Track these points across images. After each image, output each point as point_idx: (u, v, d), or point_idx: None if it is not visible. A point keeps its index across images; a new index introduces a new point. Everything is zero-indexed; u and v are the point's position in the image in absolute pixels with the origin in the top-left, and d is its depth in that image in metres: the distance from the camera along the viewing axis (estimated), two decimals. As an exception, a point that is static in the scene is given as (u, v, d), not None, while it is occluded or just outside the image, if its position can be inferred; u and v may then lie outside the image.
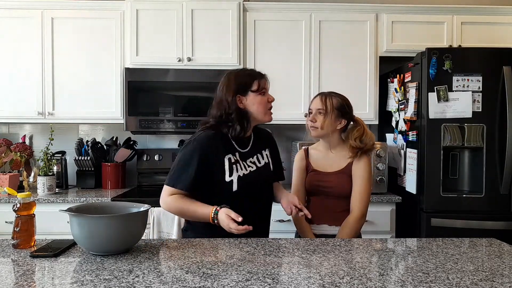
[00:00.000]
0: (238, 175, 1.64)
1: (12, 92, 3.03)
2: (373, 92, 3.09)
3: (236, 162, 1.66)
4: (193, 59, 3.02)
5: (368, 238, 1.74)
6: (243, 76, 1.69)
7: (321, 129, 1.94)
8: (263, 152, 1.78)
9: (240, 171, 1.66)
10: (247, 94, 1.67)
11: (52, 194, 2.85)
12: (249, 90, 1.66)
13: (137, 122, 2.99)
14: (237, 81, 1.67)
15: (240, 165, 1.67)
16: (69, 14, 3.03)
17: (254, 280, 1.16)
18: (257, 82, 1.67)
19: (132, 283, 1.14)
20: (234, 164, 1.65)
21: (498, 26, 3.09)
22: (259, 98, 1.68)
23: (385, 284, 1.14)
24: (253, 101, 1.67)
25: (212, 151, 1.64)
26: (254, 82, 1.67)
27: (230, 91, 1.65)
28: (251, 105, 1.67)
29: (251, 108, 1.67)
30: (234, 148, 1.69)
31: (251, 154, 1.74)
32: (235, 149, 1.69)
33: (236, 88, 1.65)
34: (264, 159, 1.77)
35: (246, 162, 1.70)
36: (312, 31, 3.07)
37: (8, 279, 1.17)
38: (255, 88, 1.67)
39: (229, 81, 1.68)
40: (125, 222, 1.40)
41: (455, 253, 1.44)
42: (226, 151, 1.66)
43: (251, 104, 1.67)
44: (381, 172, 2.85)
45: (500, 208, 2.59)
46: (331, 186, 1.95)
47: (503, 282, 1.16)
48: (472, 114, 2.57)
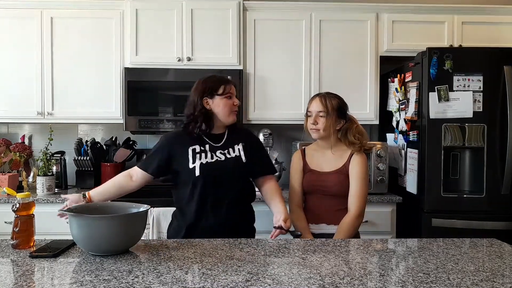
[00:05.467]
0: (200, 162, 1.82)
1: (11, 92, 3.03)
2: (374, 92, 3.09)
3: (201, 152, 1.85)
4: (193, 59, 3.02)
5: (369, 238, 1.74)
6: (211, 81, 1.88)
7: (323, 131, 1.95)
8: (235, 147, 1.91)
9: (203, 159, 1.83)
10: (214, 97, 1.86)
11: (51, 194, 2.84)
12: (216, 94, 1.85)
13: (137, 122, 2.99)
14: (205, 85, 1.87)
15: (205, 154, 1.85)
16: (69, 13, 3.03)
17: (254, 281, 1.15)
18: (223, 87, 1.86)
19: (131, 283, 1.13)
20: (198, 154, 1.84)
21: (499, 25, 3.08)
22: (224, 101, 1.86)
23: (385, 284, 1.14)
24: (219, 103, 1.86)
25: (177, 144, 1.88)
26: (220, 87, 1.86)
27: (198, 94, 1.86)
28: (216, 107, 1.86)
29: (216, 110, 1.86)
30: (204, 141, 1.88)
31: (223, 147, 1.89)
32: (205, 141, 1.88)
33: (203, 91, 1.86)
34: (235, 152, 1.90)
35: (215, 153, 1.87)
36: (312, 31, 3.07)
37: (8, 279, 1.17)
38: (221, 92, 1.86)
39: (198, 84, 1.89)
40: (125, 222, 1.40)
41: (456, 253, 1.43)
42: (191, 143, 1.86)
43: (216, 106, 1.86)
44: (382, 172, 2.84)
45: (501, 208, 2.59)
46: (328, 186, 1.96)
47: (504, 283, 1.16)
48: (473, 114, 2.56)
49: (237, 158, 1.89)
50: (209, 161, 1.84)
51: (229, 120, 1.89)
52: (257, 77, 3.06)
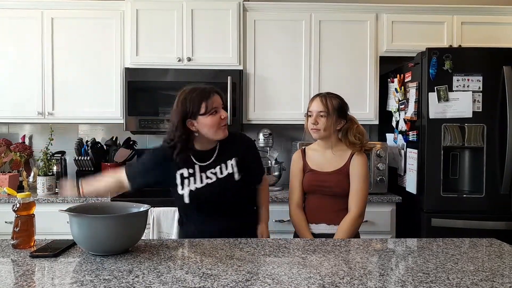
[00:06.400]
0: (189, 189, 1.74)
1: (12, 92, 3.03)
2: (373, 92, 3.09)
3: (190, 176, 1.75)
4: (193, 59, 3.02)
5: (368, 238, 1.74)
6: (190, 101, 1.69)
7: (324, 131, 1.95)
8: (228, 162, 1.79)
9: (192, 185, 1.74)
10: (197, 118, 1.69)
11: (51, 194, 2.84)
12: (198, 115, 1.68)
13: (137, 122, 2.99)
14: (184, 107, 1.69)
15: (194, 178, 1.75)
16: (69, 14, 3.03)
17: (254, 280, 1.15)
18: (204, 104, 1.68)
19: (132, 283, 1.13)
20: (186, 179, 1.75)
21: (498, 26, 3.09)
22: (209, 119, 1.69)
23: (385, 284, 1.14)
24: (204, 123, 1.70)
25: (165, 167, 1.77)
26: (202, 105, 1.68)
27: (178, 116, 1.69)
28: (202, 128, 1.71)
29: (203, 131, 1.71)
30: (192, 163, 1.76)
31: (213, 165, 1.78)
32: (193, 163, 1.77)
33: (184, 114, 1.69)
34: (227, 169, 1.78)
35: (206, 173, 1.76)
36: (312, 31, 3.07)
37: (8, 279, 1.17)
38: (203, 112, 1.68)
39: (178, 105, 1.71)
40: (125, 222, 1.40)
41: (455, 253, 1.44)
42: (179, 167, 1.76)
43: (202, 126, 1.70)
44: (381, 172, 2.84)
45: (501, 208, 2.59)
46: (329, 186, 1.96)
47: (503, 282, 1.16)
48: (473, 114, 2.56)
49: (229, 176, 1.78)
50: (198, 186, 1.75)
51: (219, 137, 1.75)
52: (257, 77, 3.07)
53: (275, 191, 2.97)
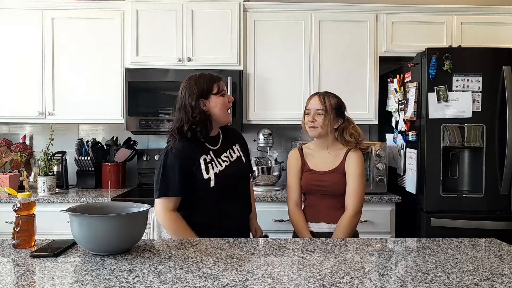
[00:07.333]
0: (214, 172, 1.76)
1: (12, 92, 3.04)
2: (373, 92, 3.09)
3: (211, 160, 1.78)
4: (193, 59, 3.02)
5: (368, 238, 1.75)
6: (203, 81, 1.77)
7: (321, 128, 1.96)
8: (234, 147, 1.89)
9: (216, 168, 1.77)
10: (209, 98, 1.76)
11: (52, 194, 2.85)
12: (211, 94, 1.76)
13: (137, 122, 3.00)
14: (199, 86, 1.76)
15: (215, 162, 1.78)
16: (69, 14, 3.03)
17: (254, 280, 1.16)
18: (217, 85, 1.77)
19: (132, 283, 1.14)
20: (209, 163, 1.77)
21: (498, 26, 3.09)
22: (221, 99, 1.78)
23: (385, 284, 1.14)
24: (216, 103, 1.77)
25: (190, 155, 1.75)
26: (214, 85, 1.77)
27: (193, 96, 1.75)
28: (214, 107, 1.77)
29: (214, 110, 1.77)
30: (207, 148, 1.80)
31: (223, 150, 1.84)
32: (208, 148, 1.80)
33: (198, 93, 1.75)
34: (236, 153, 1.88)
35: (220, 158, 1.81)
36: (312, 31, 3.07)
37: (8, 279, 1.17)
38: (216, 91, 1.77)
39: (191, 86, 1.77)
40: (125, 222, 1.40)
41: (455, 253, 1.44)
42: (200, 152, 1.77)
43: (214, 106, 1.77)
44: (381, 172, 2.84)
45: (500, 208, 2.60)
46: (326, 185, 1.97)
47: (503, 282, 1.16)
48: (472, 114, 2.57)
49: (239, 159, 1.87)
50: (220, 169, 1.77)
51: (227, 119, 1.82)
52: (257, 77, 3.07)
53: (275, 190, 2.97)
